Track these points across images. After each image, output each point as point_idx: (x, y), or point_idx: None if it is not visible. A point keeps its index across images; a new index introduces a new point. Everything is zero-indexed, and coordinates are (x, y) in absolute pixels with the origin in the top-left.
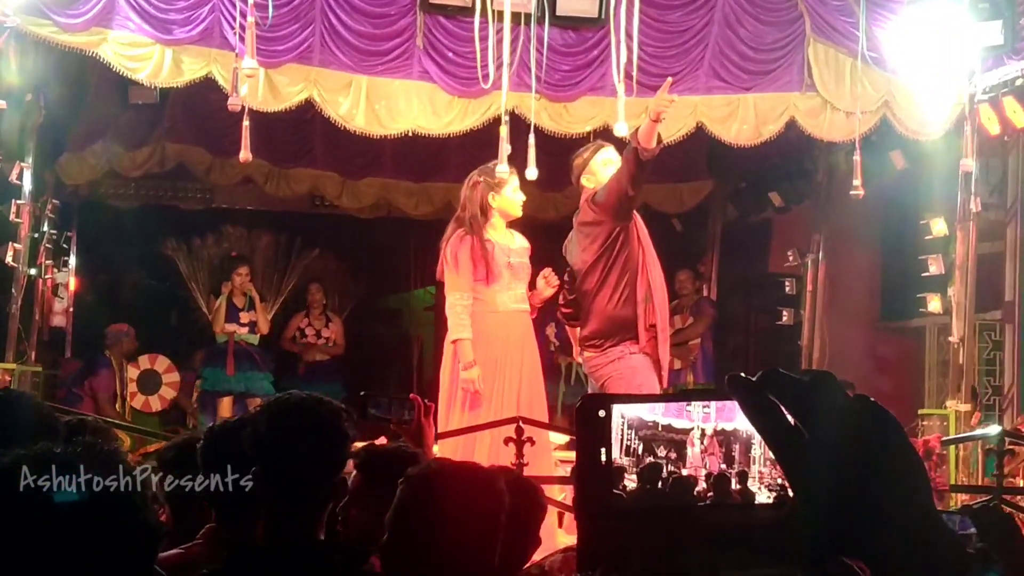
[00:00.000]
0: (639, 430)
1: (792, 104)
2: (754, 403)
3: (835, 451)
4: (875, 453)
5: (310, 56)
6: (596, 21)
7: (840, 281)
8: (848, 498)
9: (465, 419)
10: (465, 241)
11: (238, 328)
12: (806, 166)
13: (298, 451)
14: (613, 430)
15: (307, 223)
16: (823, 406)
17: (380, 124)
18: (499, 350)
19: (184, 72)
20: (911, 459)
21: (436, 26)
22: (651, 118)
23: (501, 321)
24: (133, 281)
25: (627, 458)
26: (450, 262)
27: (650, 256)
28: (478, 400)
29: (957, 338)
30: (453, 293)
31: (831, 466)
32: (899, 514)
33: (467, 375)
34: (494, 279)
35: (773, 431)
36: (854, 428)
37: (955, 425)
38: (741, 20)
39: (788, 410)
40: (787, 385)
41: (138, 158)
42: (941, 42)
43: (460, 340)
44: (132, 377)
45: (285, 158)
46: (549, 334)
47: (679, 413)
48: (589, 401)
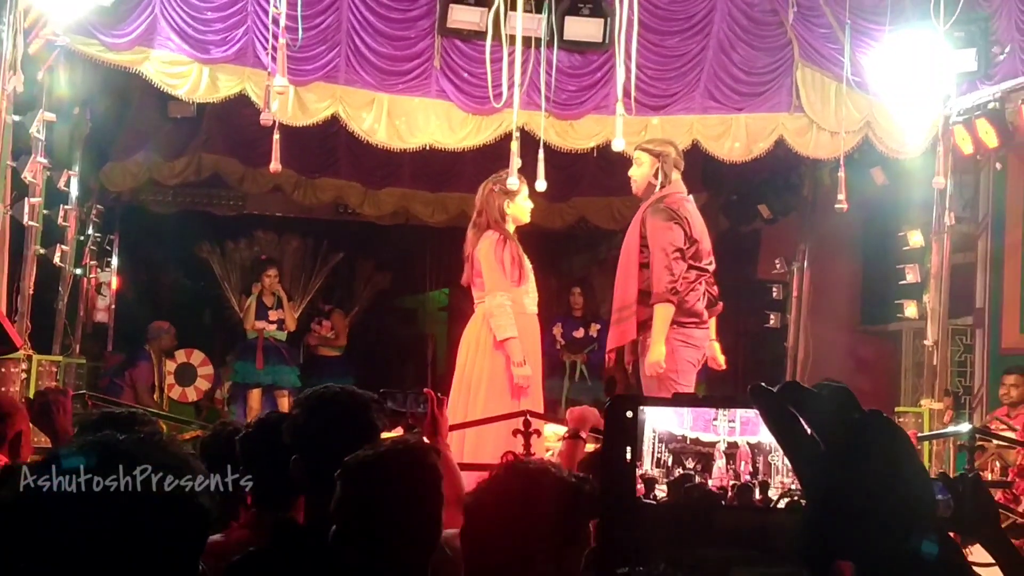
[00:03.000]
0: (669, 443)
1: (781, 124)
2: (774, 413)
3: (849, 461)
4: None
5: (336, 75)
6: (600, 45)
7: (824, 288)
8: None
9: (514, 406)
10: (504, 244)
11: (267, 325)
12: (793, 181)
13: (332, 439)
14: (644, 442)
15: (332, 229)
16: (839, 419)
17: (400, 138)
18: (530, 349)
19: (220, 89)
20: (918, 470)
21: (453, 49)
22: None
23: (529, 322)
24: (170, 281)
25: (658, 469)
26: (493, 264)
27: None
28: (524, 391)
29: (931, 342)
30: (498, 294)
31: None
32: (902, 523)
33: (523, 372)
34: (524, 280)
35: (791, 440)
36: (867, 440)
37: (929, 422)
38: (734, 46)
39: (806, 421)
40: (806, 398)
41: (176, 167)
42: (919, 68)
43: (512, 339)
44: (170, 370)
45: (312, 169)
46: (556, 333)
47: (706, 427)
48: (618, 401)
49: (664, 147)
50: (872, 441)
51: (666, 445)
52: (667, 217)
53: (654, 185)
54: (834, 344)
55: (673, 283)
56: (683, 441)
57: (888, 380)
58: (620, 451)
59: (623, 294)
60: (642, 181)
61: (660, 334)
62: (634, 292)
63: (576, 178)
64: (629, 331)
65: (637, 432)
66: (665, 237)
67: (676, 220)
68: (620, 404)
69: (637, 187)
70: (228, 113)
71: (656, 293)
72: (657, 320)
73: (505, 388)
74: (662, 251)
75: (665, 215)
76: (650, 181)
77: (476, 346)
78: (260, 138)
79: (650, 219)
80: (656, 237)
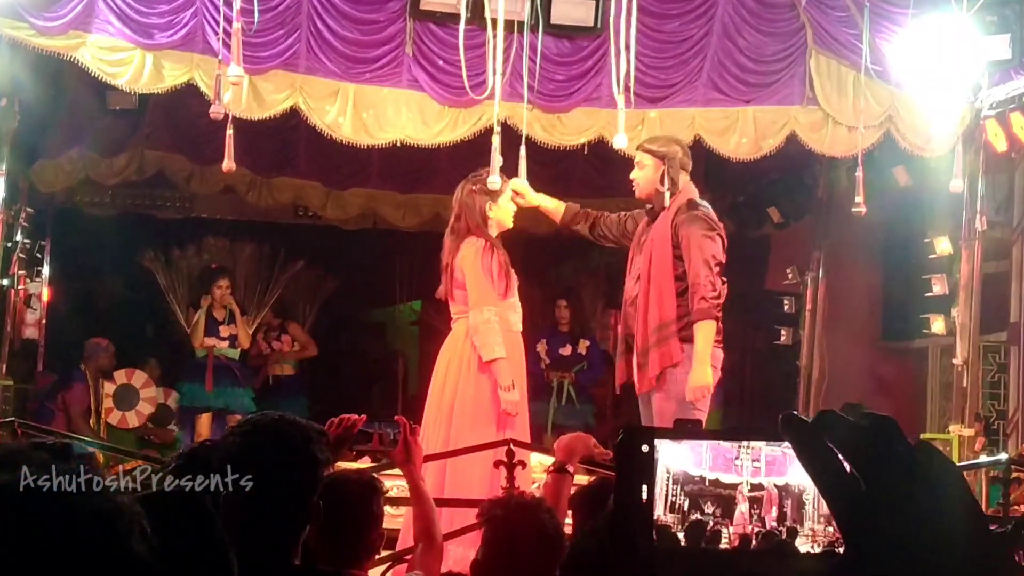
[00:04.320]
0: (685, 485)
1: (793, 117)
2: (808, 447)
3: (893, 502)
4: (935, 507)
5: (296, 63)
6: (592, 30)
7: (840, 300)
8: (905, 555)
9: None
10: (492, 251)
11: (218, 342)
12: (806, 181)
13: (269, 474)
14: (657, 483)
15: (290, 234)
16: (883, 454)
17: (367, 133)
18: (516, 372)
19: (165, 78)
20: (975, 513)
21: (426, 33)
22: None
23: (514, 342)
24: (109, 293)
25: (672, 515)
26: (479, 274)
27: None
28: (512, 420)
29: (961, 360)
30: (484, 308)
31: (889, 520)
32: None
33: (511, 397)
34: (510, 294)
35: (828, 479)
36: (915, 479)
37: (958, 451)
38: (741, 30)
39: (845, 456)
40: (845, 430)
41: (116, 165)
42: (947, 56)
43: (499, 360)
44: (108, 393)
45: (268, 167)
46: (540, 351)
47: (727, 467)
48: (632, 433)
49: (668, 147)
50: (921, 479)
51: (682, 487)
52: (707, 227)
53: (662, 192)
54: (852, 363)
55: (717, 298)
56: (701, 482)
57: (912, 404)
58: (635, 491)
59: (661, 312)
60: (647, 185)
61: (705, 354)
62: (673, 308)
63: (564, 177)
64: (674, 352)
65: (654, 469)
66: (708, 249)
67: (716, 230)
68: (635, 436)
69: (641, 191)
70: (174, 105)
71: (699, 309)
72: (702, 339)
73: (491, 415)
74: (705, 264)
75: (705, 224)
76: (657, 188)
77: (458, 367)
78: (210, 133)
79: (687, 228)
80: (698, 248)
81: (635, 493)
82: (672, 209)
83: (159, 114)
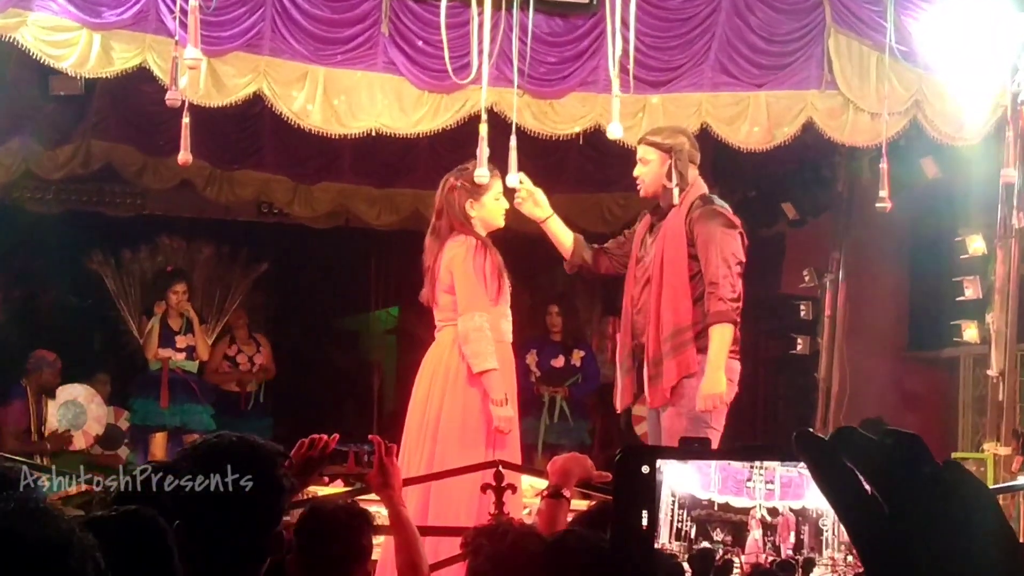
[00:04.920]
0: (692, 510)
1: (810, 103)
2: (826, 467)
3: (919, 529)
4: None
5: (259, 44)
6: (587, 7)
7: (863, 305)
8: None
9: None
10: (484, 252)
11: (173, 354)
12: (825, 174)
13: (227, 503)
14: (662, 507)
15: (253, 233)
16: (908, 475)
17: (339, 122)
18: (509, 385)
19: (114, 60)
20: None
21: (404, 10)
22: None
23: (505, 353)
24: (52, 299)
25: (678, 543)
26: (470, 276)
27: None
28: (505, 438)
29: (996, 371)
30: (475, 314)
31: (914, 547)
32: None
33: (504, 412)
34: (502, 300)
35: (847, 502)
36: (943, 503)
37: (993, 471)
38: (752, 7)
39: (866, 477)
40: (865, 448)
41: (60, 157)
42: (980, 34)
43: (490, 371)
44: (52, 410)
45: (229, 159)
46: (530, 362)
47: (738, 490)
48: (631, 454)
49: (674, 138)
50: (948, 502)
51: (688, 512)
52: (727, 223)
53: (670, 189)
54: (875, 375)
55: (736, 300)
56: (710, 507)
57: (942, 419)
58: (635, 516)
59: (676, 317)
60: (653, 182)
61: (721, 360)
62: (689, 314)
63: (557, 171)
64: (691, 361)
65: (655, 492)
66: (728, 246)
67: (736, 227)
68: (634, 457)
69: (646, 189)
70: (125, 91)
71: (716, 312)
72: (718, 343)
73: (481, 433)
74: (725, 263)
75: (724, 220)
76: (664, 184)
77: (444, 379)
78: (165, 122)
79: (704, 224)
80: (718, 246)
81: (634, 519)
82: (684, 205)
83: (108, 101)
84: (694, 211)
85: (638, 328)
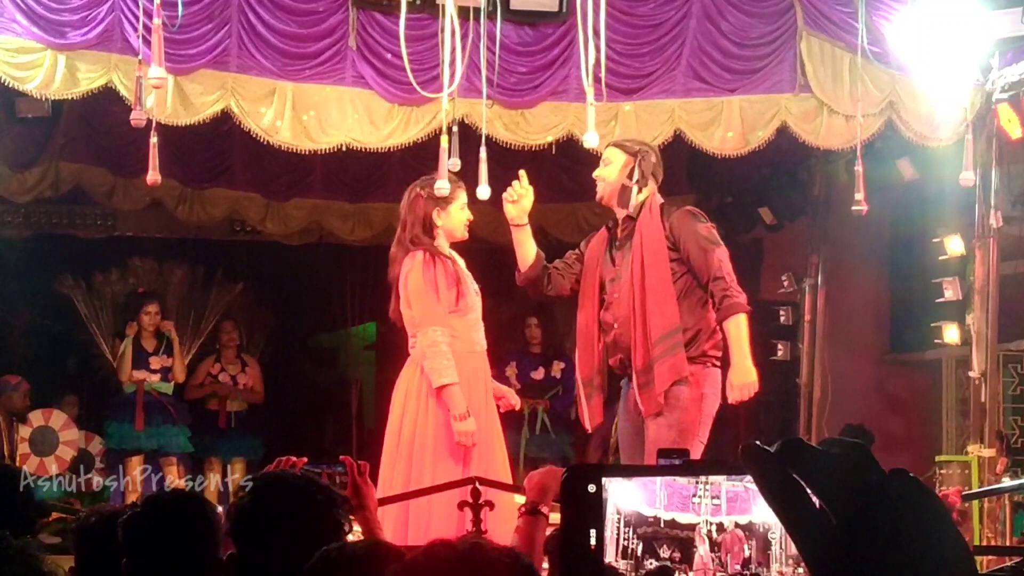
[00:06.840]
0: (638, 527)
1: (783, 107)
2: (772, 480)
3: (868, 539)
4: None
5: (226, 60)
6: (557, 15)
7: (842, 309)
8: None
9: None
10: (433, 262)
11: (148, 375)
12: (801, 177)
13: (287, 537)
14: (607, 525)
15: (226, 252)
16: (855, 485)
17: (309, 137)
18: (481, 397)
19: (80, 81)
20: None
21: (372, 24)
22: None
23: (476, 363)
24: (23, 323)
25: (624, 561)
26: (422, 290)
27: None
28: (470, 453)
29: (978, 372)
30: (432, 328)
31: (863, 558)
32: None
33: (465, 427)
34: (468, 310)
35: (794, 515)
36: (891, 512)
37: (978, 474)
38: (723, 12)
39: (812, 489)
40: (812, 459)
41: (28, 180)
42: (952, 34)
43: (450, 386)
44: (24, 436)
45: (199, 178)
46: (509, 374)
47: (684, 505)
48: (575, 473)
49: (643, 146)
50: (896, 512)
51: (634, 530)
52: (708, 222)
53: (629, 187)
54: (857, 379)
55: (738, 289)
56: (656, 523)
57: (925, 422)
58: (582, 536)
59: (665, 320)
60: (613, 183)
61: (746, 349)
62: (676, 316)
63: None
64: (682, 364)
65: (603, 511)
66: (718, 243)
67: (716, 234)
68: (579, 476)
69: (604, 191)
70: (92, 112)
71: (729, 304)
72: (738, 333)
73: (455, 450)
74: (719, 260)
75: (705, 219)
76: (624, 184)
77: (416, 396)
78: (133, 142)
79: (688, 225)
80: (708, 242)
81: (583, 539)
82: (653, 212)
83: (75, 122)
84: (671, 216)
85: (622, 344)
